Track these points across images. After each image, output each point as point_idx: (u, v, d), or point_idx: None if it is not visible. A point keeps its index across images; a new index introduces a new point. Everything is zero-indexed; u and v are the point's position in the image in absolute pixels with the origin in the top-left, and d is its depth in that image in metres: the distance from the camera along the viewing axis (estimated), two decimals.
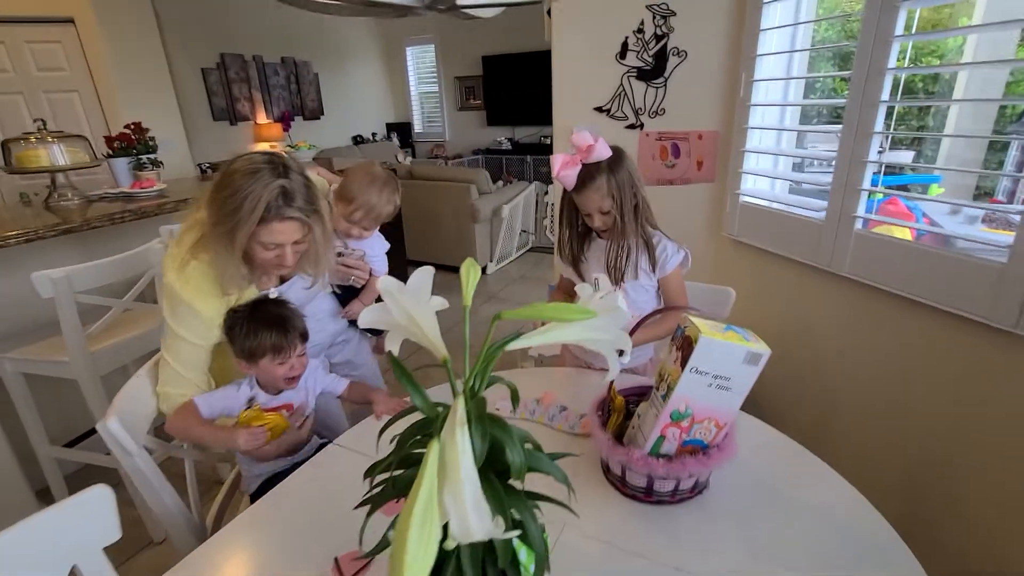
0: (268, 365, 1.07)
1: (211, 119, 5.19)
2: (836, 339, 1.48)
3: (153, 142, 2.29)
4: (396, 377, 0.52)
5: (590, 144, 1.12)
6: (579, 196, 1.19)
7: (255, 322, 1.06)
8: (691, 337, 0.76)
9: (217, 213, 1.00)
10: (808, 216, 1.50)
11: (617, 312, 0.52)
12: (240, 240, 0.99)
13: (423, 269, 0.61)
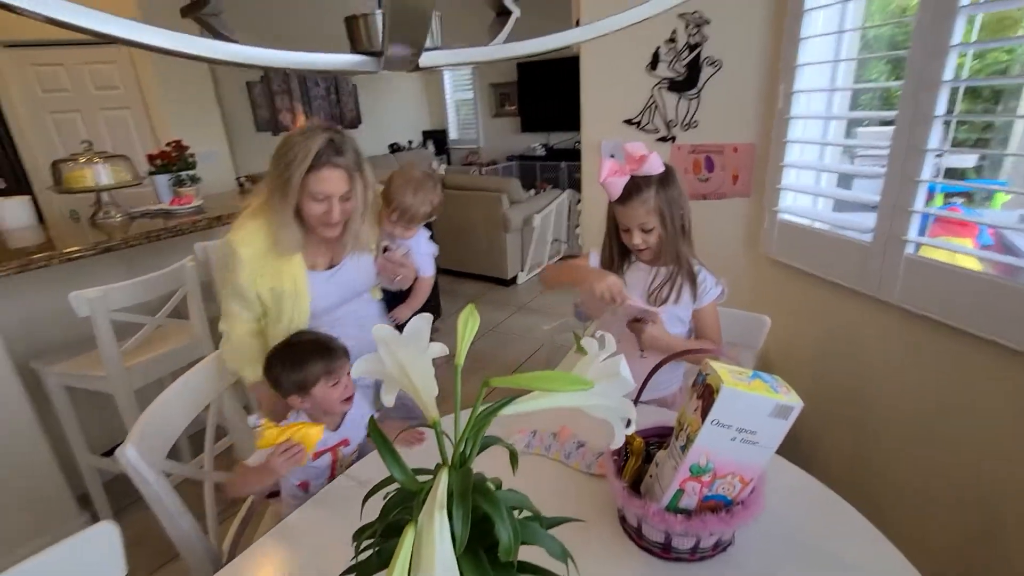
0: (323, 391, 1.07)
1: (254, 130, 5.38)
2: (881, 373, 1.37)
3: (192, 159, 2.38)
4: (374, 443, 0.49)
5: (643, 155, 1.07)
6: (623, 208, 1.12)
7: (297, 353, 1.06)
8: (712, 386, 0.70)
9: (273, 172, 1.11)
10: (853, 237, 1.40)
11: (619, 380, 0.47)
12: (294, 186, 1.08)
13: (422, 317, 0.58)
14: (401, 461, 0.48)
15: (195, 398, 1.12)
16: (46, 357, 1.70)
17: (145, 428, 0.97)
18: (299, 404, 1.08)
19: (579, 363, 0.52)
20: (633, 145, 1.10)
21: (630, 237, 1.15)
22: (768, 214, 1.69)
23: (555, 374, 0.44)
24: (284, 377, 1.05)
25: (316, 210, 1.13)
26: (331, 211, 1.13)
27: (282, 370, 1.05)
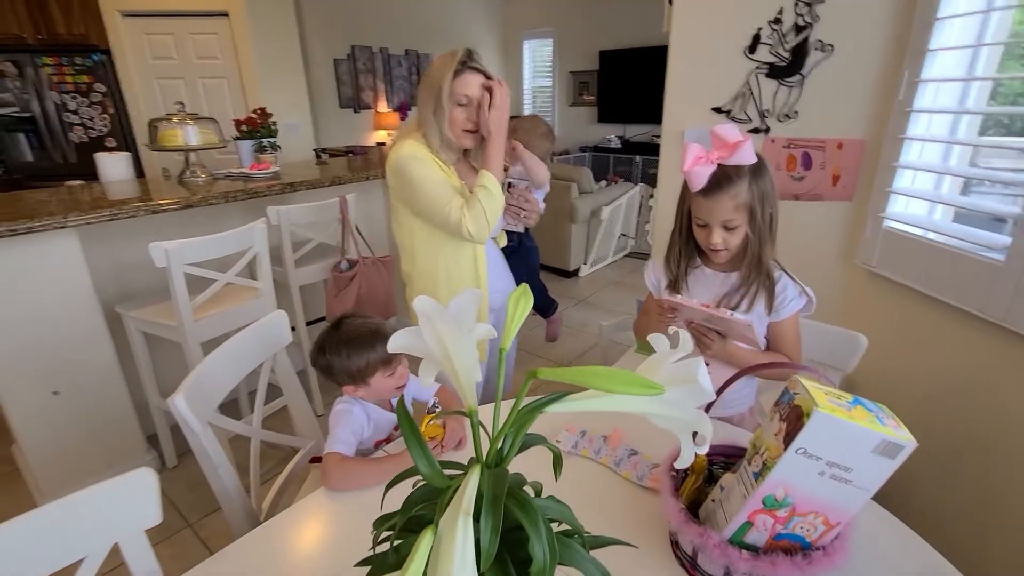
0: (380, 381, 1.04)
1: (338, 106, 5.56)
2: (1005, 415, 1.16)
3: (275, 126, 2.46)
4: (400, 428, 0.43)
5: (737, 141, 0.92)
6: (707, 200, 0.97)
7: (352, 342, 1.03)
8: (802, 408, 0.59)
9: (425, 91, 1.25)
10: (981, 255, 1.19)
11: (694, 388, 0.39)
12: (445, 93, 1.21)
13: (470, 292, 0.52)
14: (427, 450, 0.42)
15: (249, 356, 1.13)
16: (130, 302, 1.81)
17: (198, 379, 0.98)
18: (353, 393, 1.06)
19: (647, 362, 0.44)
20: (724, 128, 0.95)
21: (708, 235, 1.00)
22: (872, 220, 1.49)
23: (616, 372, 0.36)
24: (338, 366, 1.02)
25: (460, 116, 1.25)
26: (473, 114, 1.25)
27: (336, 359, 1.02)
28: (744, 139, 0.92)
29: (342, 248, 2.20)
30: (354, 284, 2.13)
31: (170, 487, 1.90)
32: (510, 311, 0.48)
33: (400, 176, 1.28)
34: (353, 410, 1.05)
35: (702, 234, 1.02)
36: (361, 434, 1.05)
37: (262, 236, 1.76)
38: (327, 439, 1.01)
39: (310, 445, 1.31)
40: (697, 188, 0.97)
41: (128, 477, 0.72)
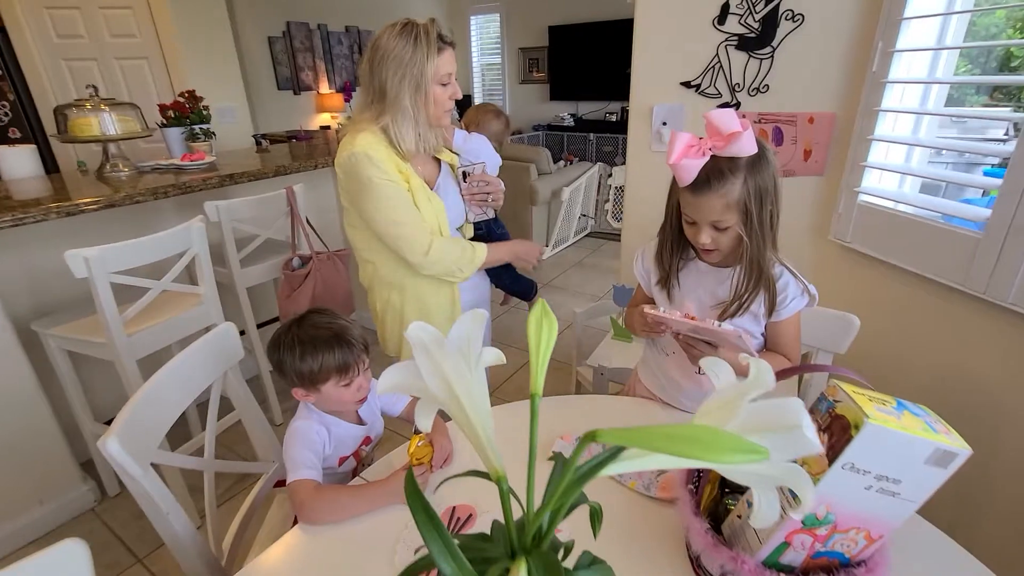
0: (332, 390, 0.93)
1: (275, 88, 5.20)
2: (993, 392, 1.17)
3: (207, 111, 2.22)
4: (412, 514, 0.33)
5: (734, 131, 0.80)
6: (695, 197, 0.86)
7: (308, 342, 0.91)
8: (848, 420, 0.53)
9: (392, 75, 1.08)
10: (959, 226, 1.19)
11: (794, 437, 0.31)
12: (428, 79, 1.09)
13: (473, 314, 0.42)
14: (453, 548, 0.32)
15: (196, 379, 0.98)
16: (49, 318, 1.59)
17: (134, 415, 0.83)
18: (303, 397, 0.94)
19: (711, 402, 0.35)
20: (720, 115, 0.82)
21: (696, 233, 0.90)
22: (846, 195, 1.48)
23: (705, 435, 0.28)
24: (289, 365, 0.91)
25: (443, 94, 1.14)
26: (455, 90, 1.16)
27: (288, 356, 0.91)
28: (743, 128, 0.80)
29: (293, 244, 2.02)
30: (308, 282, 1.96)
31: (113, 519, 1.72)
32: (533, 339, 0.39)
33: (352, 175, 1.13)
34: (312, 427, 0.94)
35: (690, 231, 0.92)
36: (322, 451, 0.94)
37: (201, 236, 1.57)
38: (287, 463, 0.90)
39: (272, 469, 1.18)
40: (685, 183, 0.86)
41: (54, 552, 0.58)
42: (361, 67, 1.14)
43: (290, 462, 0.88)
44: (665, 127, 1.79)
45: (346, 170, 1.13)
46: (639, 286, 1.14)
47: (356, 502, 0.82)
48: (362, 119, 1.16)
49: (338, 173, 1.16)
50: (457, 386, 0.39)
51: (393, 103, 1.11)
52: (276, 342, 0.94)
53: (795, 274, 0.95)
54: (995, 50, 1.35)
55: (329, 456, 0.97)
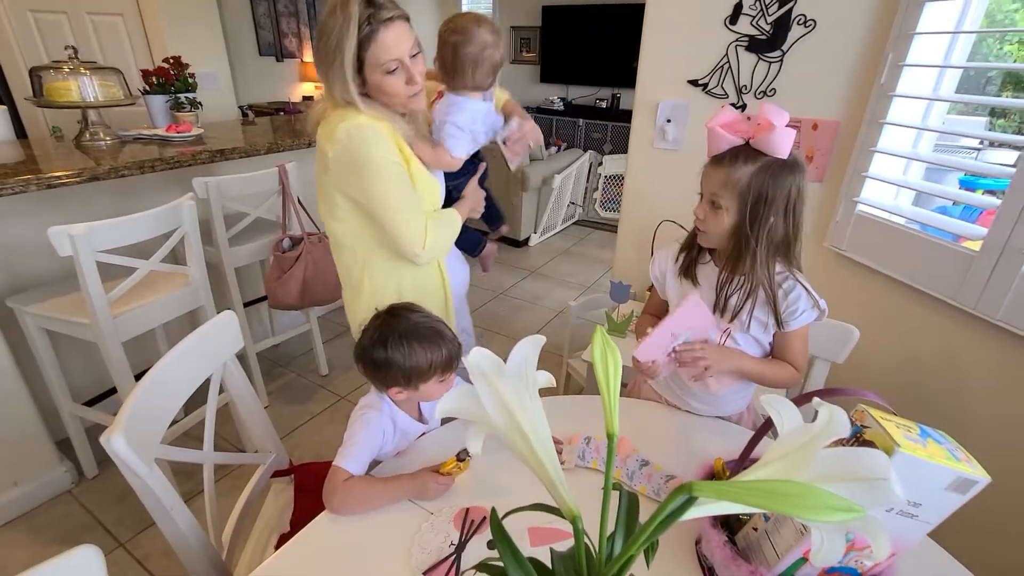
0: (432, 387, 0.91)
1: (257, 54, 4.99)
2: (979, 406, 1.22)
3: (193, 80, 2.11)
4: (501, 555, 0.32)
5: (776, 125, 0.81)
6: (711, 167, 0.90)
7: (418, 338, 0.88)
8: (878, 447, 0.54)
9: (326, 63, 0.96)
10: (954, 243, 1.23)
11: (877, 488, 0.31)
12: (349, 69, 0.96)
13: (530, 340, 0.41)
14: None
15: (196, 369, 0.95)
16: (26, 295, 1.51)
17: (136, 409, 0.80)
18: (396, 395, 0.92)
19: (781, 443, 0.36)
20: (775, 108, 0.82)
21: (697, 208, 0.94)
22: (844, 203, 1.51)
23: (799, 491, 0.28)
24: (398, 362, 0.87)
25: (396, 83, 1.00)
26: (411, 75, 1.01)
27: (397, 354, 0.87)
28: (787, 129, 0.81)
29: (283, 224, 1.97)
30: (299, 265, 1.91)
31: (93, 501, 1.67)
32: (601, 375, 0.38)
33: (351, 157, 1.00)
34: (382, 418, 0.92)
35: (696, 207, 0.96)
36: (382, 448, 0.93)
37: (191, 215, 1.51)
38: (344, 441, 0.89)
39: (270, 460, 1.16)
40: (712, 152, 0.89)
41: (69, 559, 0.56)
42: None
43: (346, 445, 0.87)
44: (670, 124, 1.79)
45: (342, 146, 0.99)
46: (654, 291, 1.14)
47: (380, 496, 0.83)
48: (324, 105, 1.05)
49: (326, 151, 1.02)
50: (519, 414, 0.39)
51: (333, 76, 0.97)
52: (378, 339, 0.89)
53: (808, 289, 0.96)
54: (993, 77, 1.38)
55: (387, 452, 0.96)
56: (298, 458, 1.89)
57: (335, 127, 1.00)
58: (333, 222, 1.14)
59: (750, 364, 0.99)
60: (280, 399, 2.18)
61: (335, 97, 1.01)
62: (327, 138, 1.02)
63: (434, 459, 0.90)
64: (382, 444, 0.91)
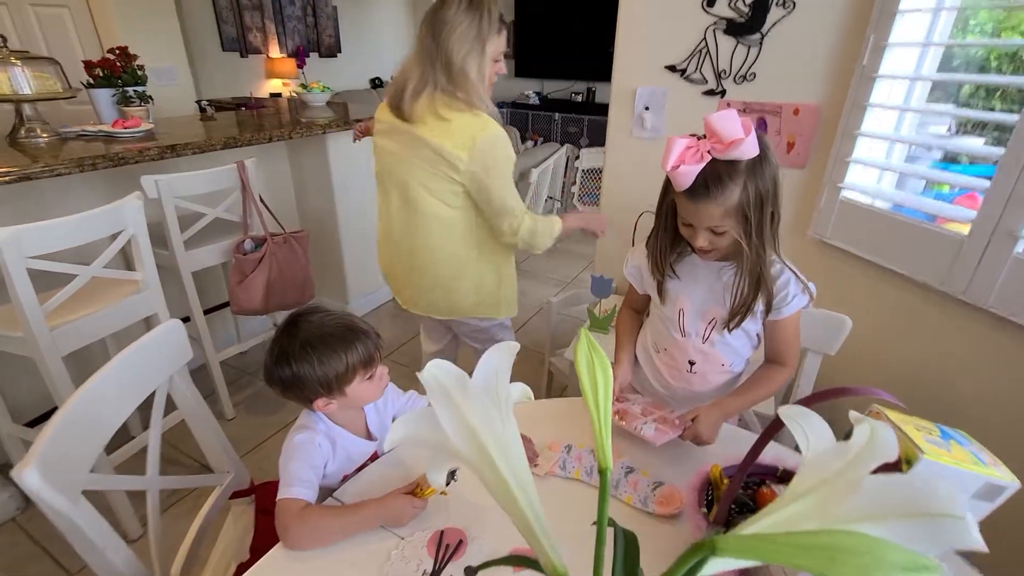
0: (358, 388, 0.83)
1: (220, 49, 4.80)
2: (969, 395, 1.18)
3: (142, 71, 1.97)
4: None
5: (736, 138, 0.73)
6: (692, 204, 0.81)
7: (322, 342, 0.80)
8: (900, 454, 0.48)
9: (458, 50, 1.11)
10: (941, 228, 1.19)
11: (950, 527, 0.24)
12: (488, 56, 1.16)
13: (501, 348, 0.34)
14: None
15: (135, 386, 0.85)
16: None
17: (59, 436, 0.70)
18: (324, 407, 0.83)
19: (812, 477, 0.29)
20: (723, 118, 0.75)
21: (692, 234, 0.86)
22: (828, 190, 1.47)
23: (856, 544, 0.21)
24: (310, 375, 0.79)
25: (494, 70, 1.21)
26: (502, 68, 1.24)
27: (304, 367, 0.79)
28: (746, 132, 0.74)
29: (244, 225, 1.85)
30: (262, 267, 1.80)
31: (39, 529, 1.54)
32: (587, 386, 0.31)
33: (490, 155, 1.16)
34: (316, 439, 0.84)
35: (687, 232, 0.88)
36: (325, 468, 0.85)
37: (138, 215, 1.40)
38: (282, 476, 0.80)
39: (228, 480, 1.06)
40: (682, 188, 0.81)
41: None
42: (419, 37, 1.16)
43: (285, 476, 0.79)
44: (648, 111, 1.73)
45: (483, 150, 1.15)
46: (631, 286, 1.08)
47: (344, 527, 0.74)
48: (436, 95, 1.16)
49: (460, 154, 1.15)
50: (489, 442, 0.31)
51: (459, 76, 1.14)
52: (280, 357, 0.81)
53: (796, 272, 0.91)
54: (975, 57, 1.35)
55: (331, 474, 0.87)
56: (266, 472, 1.78)
57: (475, 136, 1.14)
58: (448, 209, 1.25)
59: (736, 403, 0.93)
60: (248, 410, 2.07)
61: (460, 97, 1.15)
62: (473, 143, 1.14)
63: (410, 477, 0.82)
64: (325, 463, 0.83)
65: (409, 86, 1.17)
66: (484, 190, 1.19)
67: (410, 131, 1.18)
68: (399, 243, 1.32)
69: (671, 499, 0.79)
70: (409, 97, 1.16)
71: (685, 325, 0.95)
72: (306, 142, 2.34)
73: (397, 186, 1.27)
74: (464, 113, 1.15)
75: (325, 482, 0.87)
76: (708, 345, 0.95)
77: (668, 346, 1.00)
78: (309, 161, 2.39)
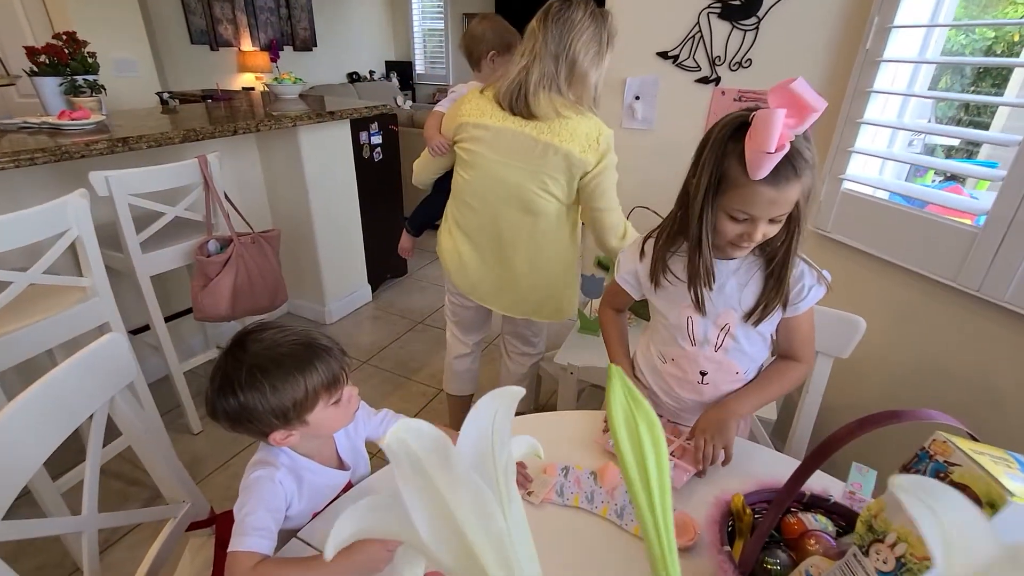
0: (323, 413, 0.71)
1: (188, 42, 4.59)
2: (987, 394, 1.12)
3: (93, 60, 1.82)
4: None
5: (815, 110, 0.65)
6: (772, 189, 0.68)
7: (276, 365, 0.67)
8: (978, 494, 0.40)
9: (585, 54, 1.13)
10: (953, 221, 1.13)
11: None
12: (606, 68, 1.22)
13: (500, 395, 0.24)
14: None
15: (64, 413, 0.73)
16: None
17: None
18: (282, 441, 0.71)
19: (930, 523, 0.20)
20: (802, 84, 0.66)
21: (750, 230, 0.72)
22: (829, 181, 1.40)
23: None
24: (261, 407, 0.67)
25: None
26: None
27: (254, 397, 0.66)
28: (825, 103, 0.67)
29: (208, 224, 1.71)
30: (228, 271, 1.67)
31: None
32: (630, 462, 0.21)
33: (609, 159, 1.18)
34: (276, 477, 0.72)
35: (735, 228, 0.74)
36: (288, 510, 0.73)
37: (82, 214, 1.26)
38: (236, 521, 0.68)
39: (182, 512, 0.94)
40: (763, 175, 0.68)
41: None
42: (536, 34, 1.14)
43: (237, 524, 0.67)
44: (638, 101, 1.64)
45: (604, 153, 1.17)
46: (617, 287, 0.97)
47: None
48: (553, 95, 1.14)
49: (587, 157, 1.16)
50: (484, 541, 0.22)
51: (580, 79, 1.14)
52: (226, 386, 0.68)
53: (808, 262, 0.83)
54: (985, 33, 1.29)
55: (299, 513, 0.76)
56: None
57: (597, 139, 1.16)
58: (565, 211, 1.27)
59: (751, 401, 0.86)
60: (216, 424, 1.93)
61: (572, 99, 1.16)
62: (588, 148, 1.15)
63: None
64: (288, 504, 0.72)
65: (531, 80, 1.13)
66: (601, 193, 1.20)
67: (530, 135, 1.16)
68: (508, 257, 1.31)
69: (684, 528, 0.71)
70: (532, 93, 1.13)
71: (695, 333, 0.86)
72: (276, 136, 2.21)
73: (513, 196, 1.23)
74: (580, 115, 1.15)
75: (291, 524, 0.76)
76: (722, 353, 0.86)
77: (676, 356, 0.91)
78: (280, 156, 2.26)
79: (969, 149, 1.54)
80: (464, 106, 1.24)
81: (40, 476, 1.24)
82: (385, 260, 2.91)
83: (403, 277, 3.12)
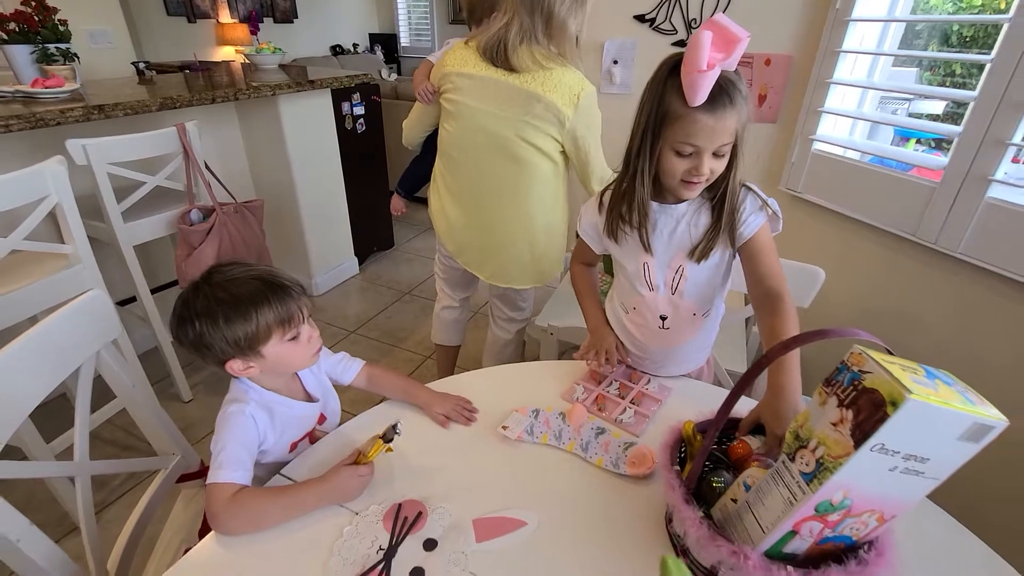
0: (278, 348, 0.74)
1: (164, 13, 4.48)
2: (941, 341, 1.18)
3: (65, 27, 1.79)
4: None
5: (745, 35, 0.68)
6: (710, 116, 0.71)
7: (230, 297, 0.71)
8: (883, 395, 0.44)
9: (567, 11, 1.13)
10: (913, 176, 1.17)
11: None
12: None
13: None
14: None
15: (47, 368, 0.76)
16: None
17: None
18: (242, 371, 0.75)
19: None
20: (728, 20, 0.69)
21: (696, 164, 0.75)
22: (800, 143, 1.43)
23: None
24: (216, 336, 0.70)
25: None
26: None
27: (210, 327, 0.70)
28: (746, 34, 0.69)
29: (190, 194, 1.72)
30: (211, 239, 1.69)
31: None
32: None
33: (591, 114, 1.18)
34: (247, 411, 0.75)
35: (682, 164, 0.76)
36: (262, 444, 0.77)
37: (60, 180, 1.27)
38: (212, 455, 0.72)
39: (172, 464, 0.98)
40: (702, 99, 0.70)
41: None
42: None
43: (214, 458, 0.71)
44: (616, 65, 1.65)
45: (586, 109, 1.17)
46: (580, 241, 1.00)
47: (284, 509, 0.67)
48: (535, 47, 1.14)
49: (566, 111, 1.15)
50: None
51: (559, 30, 1.14)
52: (185, 314, 0.72)
53: (756, 192, 0.84)
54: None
55: (276, 444, 0.80)
56: None
57: (578, 94, 1.15)
58: (553, 166, 1.26)
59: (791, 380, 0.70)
60: (207, 391, 1.97)
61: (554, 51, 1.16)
62: (568, 101, 1.15)
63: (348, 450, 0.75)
64: (261, 439, 0.76)
65: (510, 35, 1.13)
66: (583, 150, 1.20)
67: (513, 84, 1.15)
68: (491, 214, 1.31)
69: (643, 459, 0.76)
70: (511, 46, 1.13)
71: (653, 279, 0.90)
72: (256, 106, 2.19)
73: (496, 146, 1.22)
74: (564, 68, 1.15)
75: (272, 458, 0.80)
76: (679, 296, 0.90)
77: (637, 304, 0.95)
78: (261, 127, 2.24)
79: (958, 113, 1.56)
80: (449, 56, 1.25)
81: (34, 438, 1.28)
82: (372, 233, 2.92)
83: (390, 249, 3.14)
